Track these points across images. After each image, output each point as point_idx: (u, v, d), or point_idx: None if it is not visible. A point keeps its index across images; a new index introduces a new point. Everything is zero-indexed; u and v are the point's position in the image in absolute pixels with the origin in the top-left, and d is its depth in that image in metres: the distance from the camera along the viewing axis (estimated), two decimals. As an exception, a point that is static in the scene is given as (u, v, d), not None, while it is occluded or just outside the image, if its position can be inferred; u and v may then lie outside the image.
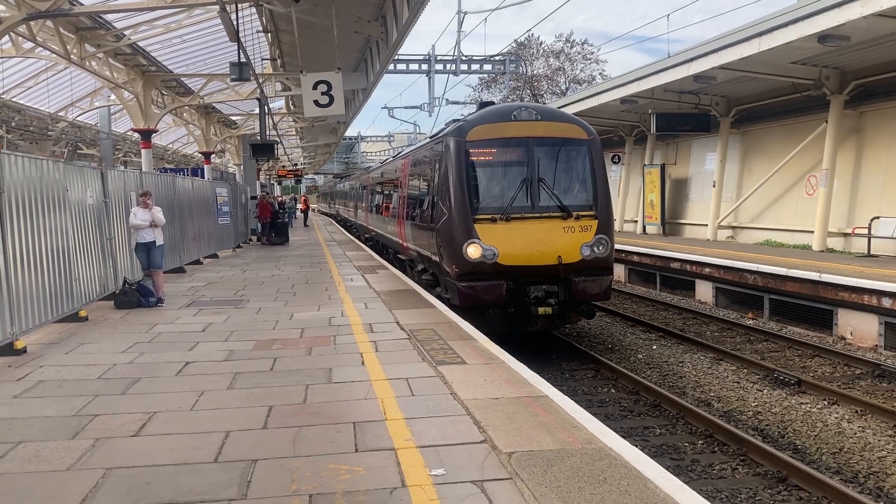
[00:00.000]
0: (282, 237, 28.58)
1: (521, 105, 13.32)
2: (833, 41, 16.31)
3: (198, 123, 31.95)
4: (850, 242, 19.77)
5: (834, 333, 14.19)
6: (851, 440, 8.81)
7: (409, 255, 17.14)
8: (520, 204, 12.12)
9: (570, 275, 12.00)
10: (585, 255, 12.04)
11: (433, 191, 13.51)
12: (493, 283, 11.83)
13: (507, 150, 12.51)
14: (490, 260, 11.80)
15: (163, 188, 16.24)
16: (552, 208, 12.16)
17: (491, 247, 11.80)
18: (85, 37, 18.04)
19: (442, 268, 12.82)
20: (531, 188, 12.22)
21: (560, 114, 13.74)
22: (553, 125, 12.68)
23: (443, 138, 13.25)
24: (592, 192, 12.48)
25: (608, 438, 5.37)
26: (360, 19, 18.06)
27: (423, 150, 15.98)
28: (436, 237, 12.92)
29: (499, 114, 12.96)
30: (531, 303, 11.78)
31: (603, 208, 12.40)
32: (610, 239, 12.31)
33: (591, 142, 12.72)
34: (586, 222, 12.18)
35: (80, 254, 10.94)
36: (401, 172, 18.59)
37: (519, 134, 12.44)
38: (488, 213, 12.04)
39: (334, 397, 6.56)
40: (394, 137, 76.47)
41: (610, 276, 12.52)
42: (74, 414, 6.20)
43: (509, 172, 12.43)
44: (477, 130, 12.51)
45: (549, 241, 11.94)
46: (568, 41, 54.74)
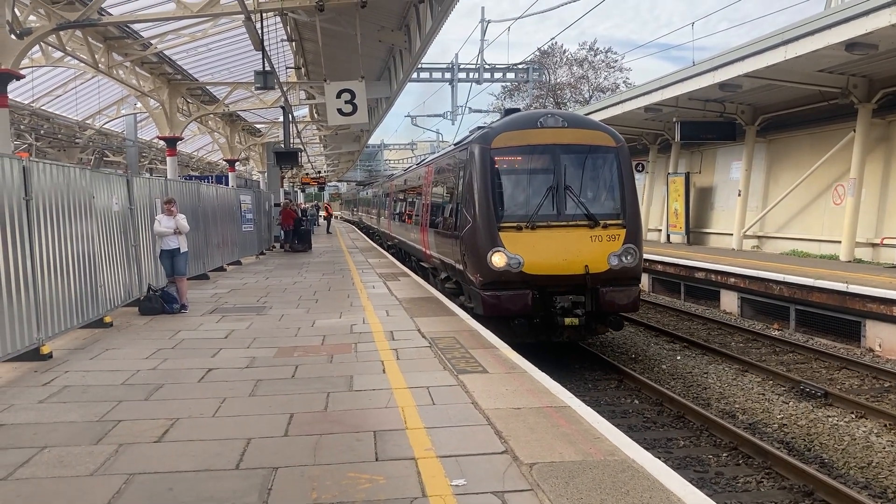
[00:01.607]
0: (305, 244, 28.71)
1: (548, 112, 13.05)
2: (861, 49, 16.12)
3: (222, 131, 32.27)
4: (879, 253, 19.47)
5: (862, 345, 13.96)
6: (880, 455, 8.64)
7: (432, 263, 16.96)
8: (546, 212, 11.92)
9: (598, 285, 11.74)
10: (613, 265, 11.78)
11: (457, 198, 13.34)
12: (518, 292, 11.61)
13: (533, 158, 12.30)
14: (515, 269, 11.59)
15: (187, 195, 16.38)
16: (579, 216, 11.96)
17: (516, 255, 11.59)
18: (113, 46, 18.31)
19: (466, 276, 12.64)
20: (557, 196, 12.02)
21: (587, 121, 13.52)
22: (580, 132, 12.49)
23: (467, 145, 13.09)
24: (620, 201, 12.25)
25: (631, 450, 5.31)
26: (384, 28, 18.15)
27: (446, 158, 15.77)
28: (459, 245, 12.75)
29: (525, 121, 12.75)
30: (557, 313, 11.55)
31: (631, 217, 12.17)
32: (638, 248, 12.06)
33: (619, 149, 12.51)
34: (614, 231, 11.94)
35: (106, 260, 11.06)
36: (424, 180, 18.44)
37: (545, 141, 12.24)
38: (513, 221, 11.84)
39: (355, 405, 6.55)
40: (416, 146, 76.72)
41: (638, 286, 12.30)
42: (98, 419, 6.25)
43: (535, 180, 12.24)
44: (502, 137, 12.35)
45: (576, 250, 11.72)
46: (591, 49, 54.54)
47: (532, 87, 36.84)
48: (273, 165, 31.09)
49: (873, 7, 14.72)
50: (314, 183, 50.22)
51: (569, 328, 11.64)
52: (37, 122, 27.29)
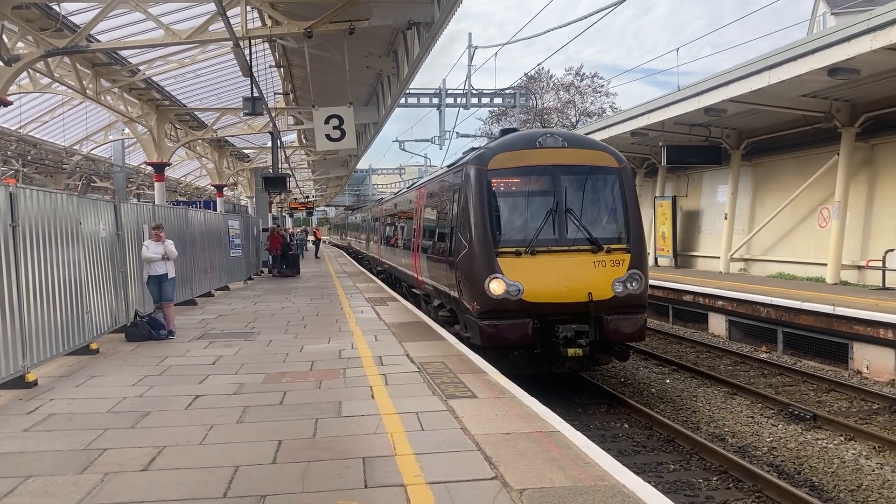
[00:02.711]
0: (293, 269, 28.65)
1: (547, 131, 12.58)
2: (843, 74, 16.35)
3: (211, 157, 32.29)
4: (865, 275, 19.61)
5: (849, 367, 14.01)
6: (870, 477, 8.65)
7: (425, 290, 16.40)
8: (546, 236, 11.40)
9: (602, 313, 11.21)
10: (618, 292, 11.29)
11: (452, 222, 12.82)
12: (517, 321, 11.06)
13: (532, 179, 11.82)
14: (514, 296, 11.05)
15: (175, 221, 16.34)
16: (581, 241, 11.44)
17: (515, 282, 11.06)
18: (101, 72, 18.34)
19: (461, 304, 12.07)
20: (558, 219, 11.51)
21: (588, 140, 13.07)
22: (581, 152, 12.02)
23: (462, 167, 12.59)
24: (624, 224, 11.75)
25: (621, 475, 5.30)
26: (372, 54, 18.27)
27: (440, 180, 15.21)
28: (455, 271, 12.22)
29: (523, 140, 12.25)
30: (560, 343, 10.98)
31: (636, 241, 11.70)
32: (644, 274, 11.59)
33: (622, 170, 12.04)
34: (618, 256, 11.45)
35: (93, 286, 10.99)
36: (416, 203, 17.96)
37: (545, 162, 11.77)
38: (512, 246, 11.30)
39: (344, 431, 6.51)
40: (404, 170, 76.94)
41: (644, 314, 11.77)
42: (84, 448, 6.18)
43: (534, 203, 11.74)
44: (499, 158, 11.86)
45: (579, 276, 11.21)
46: (578, 74, 55.05)
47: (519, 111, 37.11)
48: (261, 190, 31.06)
49: (855, 33, 14.96)
50: (302, 208, 50.23)
51: (571, 359, 11.14)
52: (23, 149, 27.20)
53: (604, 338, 11.28)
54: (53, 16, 13.92)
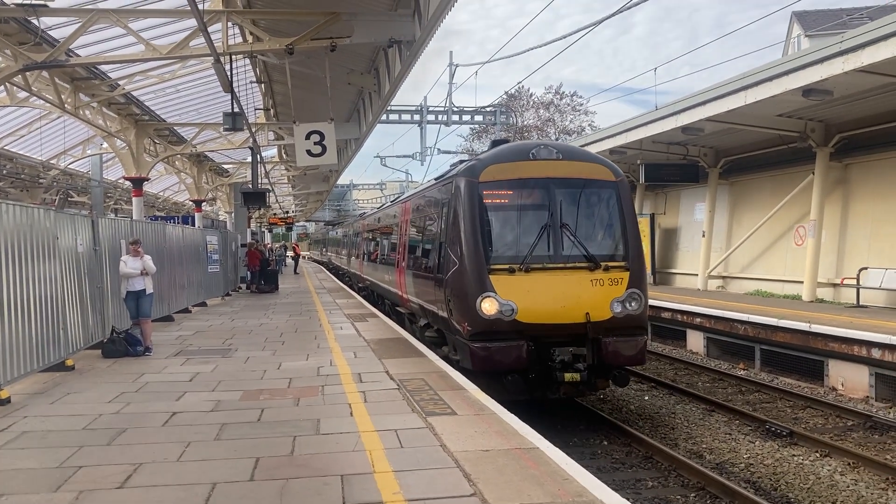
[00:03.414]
0: (271, 285, 28.50)
1: (541, 143, 12.03)
2: (817, 95, 16.64)
3: (189, 171, 32.12)
4: (840, 293, 19.86)
5: (825, 384, 14.16)
6: (844, 493, 8.73)
7: (410, 309, 15.71)
8: (541, 253, 10.88)
9: (599, 335, 10.62)
10: (616, 312, 10.70)
11: (440, 237, 12.21)
12: (511, 343, 10.43)
13: (526, 193, 11.26)
14: (508, 317, 10.43)
15: (153, 236, 16.23)
16: (578, 258, 10.90)
17: (509, 301, 10.45)
18: (80, 86, 18.22)
19: (451, 325, 11.36)
20: (553, 235, 10.97)
21: (583, 153, 12.55)
22: (576, 165, 11.53)
23: (452, 179, 11.97)
24: (622, 240, 11.24)
25: (599, 491, 5.31)
26: (353, 71, 18.30)
27: (427, 193, 14.54)
28: (444, 290, 11.53)
29: (515, 152, 11.71)
30: (556, 367, 10.41)
31: (635, 258, 11.12)
32: (644, 294, 10.99)
33: (619, 184, 11.56)
34: (616, 274, 10.89)
35: (69, 302, 10.88)
36: (400, 217, 17.32)
37: (539, 174, 11.23)
38: (505, 263, 10.73)
39: (322, 449, 6.48)
40: (385, 186, 76.99)
41: (645, 335, 11.14)
42: (58, 466, 6.10)
43: (528, 217, 11.18)
44: (491, 170, 11.30)
45: (576, 295, 10.64)
46: (557, 93, 55.62)
47: (499, 129, 37.33)
48: (240, 206, 30.94)
49: (828, 55, 15.25)
50: (282, 223, 50.05)
51: (567, 384, 10.53)
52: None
53: (602, 361, 10.71)
54: (32, 30, 13.83)
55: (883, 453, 10.17)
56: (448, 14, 12.24)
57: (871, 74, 14.96)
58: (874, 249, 18.99)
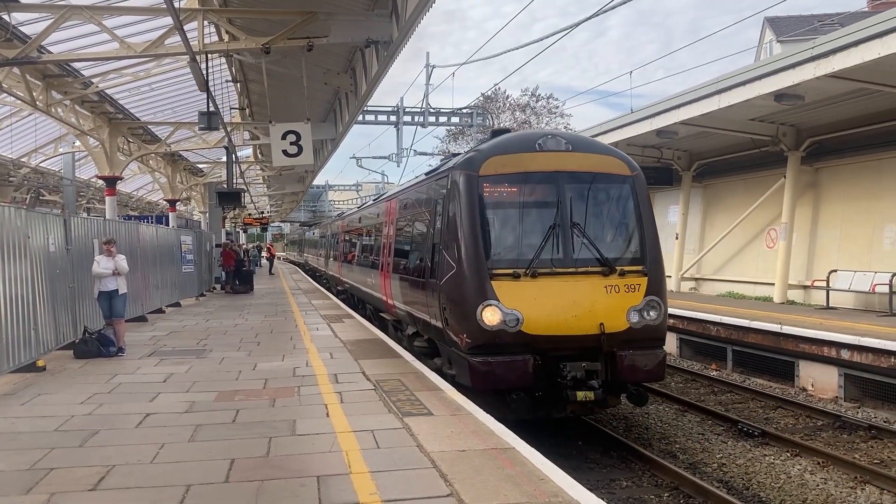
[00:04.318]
0: (246, 286, 28.32)
1: (548, 132, 10.84)
2: (789, 100, 16.88)
3: (164, 171, 31.82)
4: (810, 295, 20.16)
5: (796, 385, 14.36)
6: (814, 492, 8.87)
7: (396, 315, 14.45)
8: (549, 256, 9.79)
9: (614, 347, 9.60)
10: (634, 323, 9.67)
11: (433, 238, 11.10)
12: (516, 358, 9.35)
13: (532, 188, 10.21)
14: (512, 328, 9.34)
15: (126, 236, 16.07)
16: (590, 262, 9.82)
17: (513, 311, 9.36)
18: (52, 84, 17.98)
19: (446, 336, 10.26)
20: (563, 236, 9.88)
21: (595, 144, 11.41)
22: (588, 157, 10.43)
23: (447, 173, 10.89)
24: (639, 242, 10.21)
25: (575, 491, 5.36)
26: (330, 71, 18.26)
27: (418, 189, 13.32)
28: (438, 296, 10.41)
29: (520, 142, 10.62)
30: (567, 385, 9.33)
31: (653, 262, 10.08)
32: (663, 301, 9.97)
33: (636, 178, 10.51)
34: (633, 280, 9.83)
35: (40, 302, 10.74)
36: (386, 216, 16.17)
37: (546, 167, 10.18)
38: (509, 267, 9.63)
39: (298, 450, 6.46)
40: (361, 187, 76.74)
41: (663, 348, 10.13)
42: (29, 468, 6.02)
43: (535, 215, 10.13)
44: (493, 163, 10.18)
45: (588, 303, 9.56)
46: (533, 95, 55.79)
47: (476, 131, 37.36)
48: (215, 206, 30.73)
49: (799, 60, 15.48)
50: (257, 223, 49.74)
51: (579, 404, 9.51)
52: (-32, 160, 26.54)
53: (616, 377, 9.69)
54: (3, 25, 13.63)
55: (851, 452, 10.35)
56: (425, 15, 12.25)
57: (841, 80, 15.21)
58: (844, 252, 19.30)
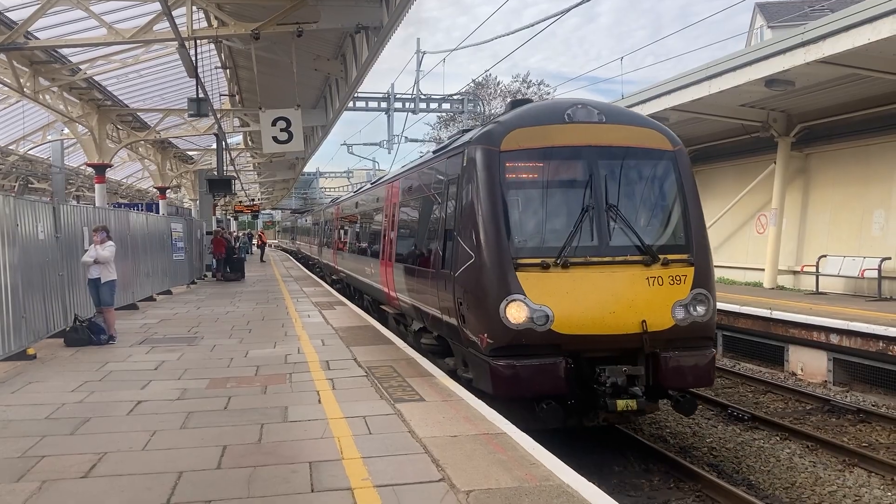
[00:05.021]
0: (237, 273, 28.26)
1: (577, 101, 9.43)
2: (779, 85, 16.90)
3: (153, 158, 31.66)
4: (800, 280, 20.26)
5: (785, 369, 14.46)
6: (803, 475, 8.95)
7: (399, 309, 13.33)
8: (582, 243, 8.58)
9: (657, 348, 8.43)
10: (679, 320, 8.48)
11: (445, 224, 9.91)
12: (546, 361, 8.20)
13: (561, 165, 9.02)
14: (541, 326, 8.17)
15: (116, 223, 15.98)
16: (629, 249, 8.63)
17: (542, 307, 8.18)
18: (39, 70, 17.83)
19: (462, 335, 9.03)
20: (598, 220, 8.68)
21: (632, 114, 10.12)
22: (624, 129, 9.22)
23: (463, 148, 9.58)
24: (684, 226, 9.00)
25: (566, 475, 5.39)
26: (320, 57, 18.16)
27: (426, 169, 11.99)
28: (453, 290, 9.16)
29: (546, 113, 9.36)
30: (605, 392, 8.17)
31: (700, 250, 8.89)
32: (711, 294, 8.81)
33: (678, 154, 9.29)
34: (678, 270, 8.63)
35: (30, 290, 10.69)
36: (387, 200, 14.87)
37: (577, 141, 8.97)
38: (536, 257, 8.42)
39: (290, 436, 6.47)
40: (352, 174, 76.55)
41: (713, 349, 8.92)
42: (20, 455, 6.01)
43: (564, 196, 8.98)
44: (516, 136, 8.93)
45: (628, 298, 8.39)
46: (524, 81, 55.79)
47: (467, 117, 37.27)
48: (205, 193, 30.56)
49: (790, 46, 15.50)
50: (247, 211, 49.59)
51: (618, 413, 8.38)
52: (-44, 148, 26.34)
53: (659, 382, 8.51)
54: (-11, 11, 13.52)
55: (840, 436, 10.45)
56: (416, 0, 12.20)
57: (831, 65, 15.23)
58: (833, 237, 19.39)
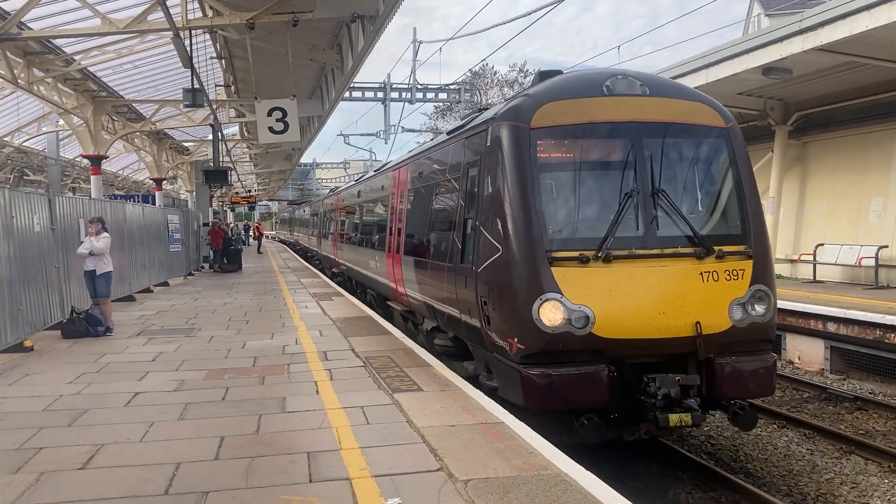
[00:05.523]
0: (234, 264, 28.24)
1: (616, 71, 8.43)
2: (777, 74, 16.86)
3: (149, 149, 31.54)
4: (797, 268, 20.28)
5: (783, 357, 14.48)
6: (800, 463, 8.98)
7: (408, 305, 12.34)
8: (626, 233, 7.57)
9: (711, 353, 7.42)
10: (737, 321, 7.48)
11: (465, 212, 8.94)
12: (586, 369, 7.21)
13: (601, 144, 8.01)
14: (580, 329, 7.16)
15: (112, 215, 15.94)
16: (680, 240, 7.64)
17: (581, 307, 7.17)
18: (33, 61, 17.72)
19: (486, 338, 8.03)
20: (643, 206, 7.68)
21: (679, 86, 8.96)
22: (671, 103, 8.17)
23: (486, 126, 8.50)
24: (739, 214, 8.01)
25: (564, 464, 5.40)
26: (316, 47, 18.08)
27: (439, 152, 10.91)
28: (475, 287, 8.17)
29: (582, 84, 8.24)
30: (655, 405, 7.15)
31: (758, 240, 7.87)
32: (772, 291, 7.75)
33: (731, 131, 8.30)
34: (735, 264, 7.64)
35: (26, 282, 10.67)
36: (394, 188, 13.92)
37: (618, 117, 7.94)
38: (574, 249, 7.39)
39: (288, 427, 6.47)
40: (349, 164, 76.44)
41: (772, 353, 7.89)
42: (17, 447, 6.00)
43: (605, 180, 7.95)
44: (548, 111, 7.86)
45: (680, 296, 7.39)
46: (521, 70, 55.64)
47: (464, 107, 37.19)
48: (202, 184, 30.55)
49: (787, 34, 15.46)
50: (244, 202, 49.50)
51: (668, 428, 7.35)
52: (-50, 140, 26.23)
53: (714, 392, 7.52)
54: (-18, 2, 13.42)
55: (837, 424, 10.47)
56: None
57: (829, 53, 15.20)
58: (830, 226, 19.41)
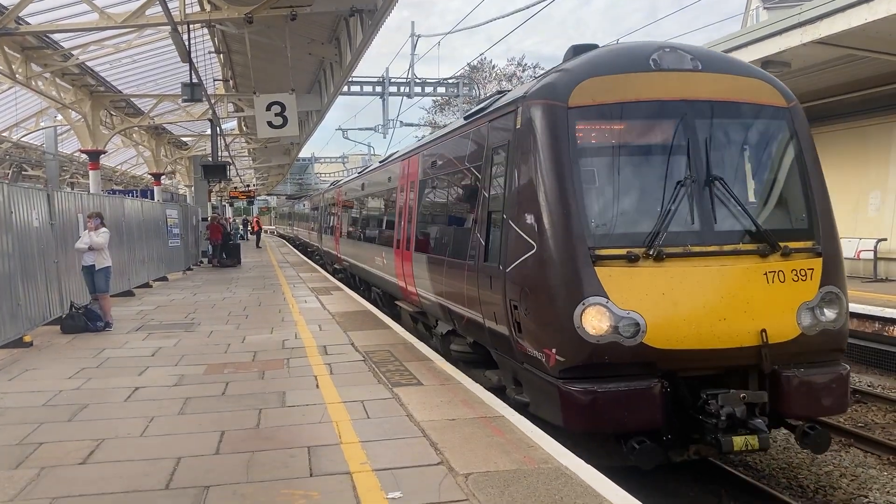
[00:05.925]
0: (233, 259, 28.25)
1: (662, 44, 7.30)
2: (775, 67, 16.80)
3: (148, 144, 31.51)
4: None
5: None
6: (800, 456, 8.99)
7: (419, 306, 11.59)
8: (680, 227, 6.58)
9: (777, 364, 6.47)
10: (806, 327, 6.52)
11: (489, 204, 7.98)
12: (636, 385, 6.24)
13: (649, 125, 7.01)
14: (629, 339, 6.20)
15: (111, 210, 15.93)
16: (741, 235, 6.69)
17: (630, 313, 6.20)
18: (31, 56, 17.69)
19: (517, 348, 7.09)
20: (698, 197, 6.69)
21: (733, 61, 7.86)
22: (726, 80, 7.13)
23: (515, 106, 7.44)
24: (806, 205, 7.04)
25: (564, 458, 5.41)
26: (314, 41, 18.06)
27: (456, 138, 9.83)
28: (503, 288, 7.17)
29: (625, 58, 7.17)
30: (717, 426, 6.21)
31: (828, 235, 6.89)
32: (844, 293, 6.77)
33: (794, 111, 7.31)
34: (803, 262, 6.66)
35: (25, 277, 10.67)
36: (405, 179, 12.85)
37: (668, 95, 6.92)
38: (621, 246, 6.43)
39: (288, 421, 6.48)
40: (348, 159, 76.38)
41: (846, 365, 6.90)
42: (18, 443, 6.01)
43: (655, 166, 6.91)
44: (588, 87, 6.85)
45: (742, 299, 6.41)
46: (520, 64, 55.53)
47: (462, 101, 37.12)
48: (200, 179, 30.52)
49: (786, 27, 15.43)
50: (243, 196, 49.46)
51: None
52: (-52, 135, 26.19)
53: (781, 409, 6.58)
54: (-21, -3, 13.39)
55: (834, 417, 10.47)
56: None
57: (828, 46, 15.17)
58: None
